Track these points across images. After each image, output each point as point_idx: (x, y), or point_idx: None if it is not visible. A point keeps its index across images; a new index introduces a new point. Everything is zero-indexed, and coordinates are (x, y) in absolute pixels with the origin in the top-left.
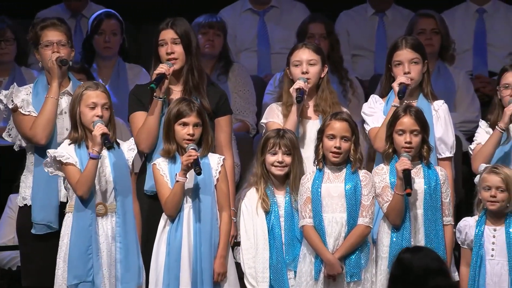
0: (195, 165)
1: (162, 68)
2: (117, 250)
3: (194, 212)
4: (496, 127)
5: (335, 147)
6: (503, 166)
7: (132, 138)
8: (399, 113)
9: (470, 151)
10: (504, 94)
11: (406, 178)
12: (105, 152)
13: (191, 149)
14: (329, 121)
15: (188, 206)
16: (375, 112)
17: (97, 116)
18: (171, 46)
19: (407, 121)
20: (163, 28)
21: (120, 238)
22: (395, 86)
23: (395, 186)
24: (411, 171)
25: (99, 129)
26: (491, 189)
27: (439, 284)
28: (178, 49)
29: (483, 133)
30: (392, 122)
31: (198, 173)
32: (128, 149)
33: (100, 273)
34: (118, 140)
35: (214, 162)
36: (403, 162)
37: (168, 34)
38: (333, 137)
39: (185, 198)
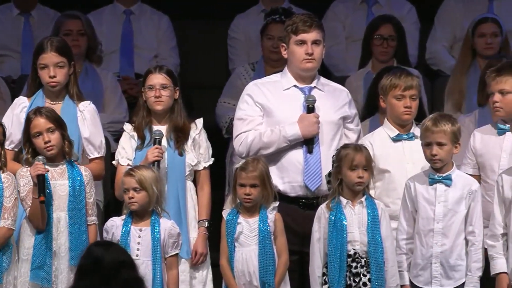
0: None
1: None
2: None
3: None
4: None
5: None
6: (141, 166)
7: None
8: (30, 116)
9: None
10: (148, 95)
11: (40, 184)
12: None
13: None
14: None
15: None
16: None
17: None
18: None
19: (39, 123)
20: None
21: None
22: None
23: (32, 190)
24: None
25: None
26: (128, 191)
27: (130, 276)
28: None
29: (125, 140)
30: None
31: None
32: None
33: None
34: None
35: None
36: (37, 167)
37: None
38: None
39: None
